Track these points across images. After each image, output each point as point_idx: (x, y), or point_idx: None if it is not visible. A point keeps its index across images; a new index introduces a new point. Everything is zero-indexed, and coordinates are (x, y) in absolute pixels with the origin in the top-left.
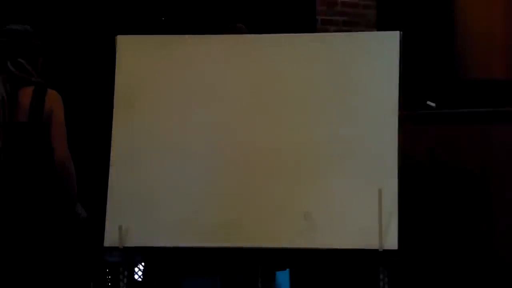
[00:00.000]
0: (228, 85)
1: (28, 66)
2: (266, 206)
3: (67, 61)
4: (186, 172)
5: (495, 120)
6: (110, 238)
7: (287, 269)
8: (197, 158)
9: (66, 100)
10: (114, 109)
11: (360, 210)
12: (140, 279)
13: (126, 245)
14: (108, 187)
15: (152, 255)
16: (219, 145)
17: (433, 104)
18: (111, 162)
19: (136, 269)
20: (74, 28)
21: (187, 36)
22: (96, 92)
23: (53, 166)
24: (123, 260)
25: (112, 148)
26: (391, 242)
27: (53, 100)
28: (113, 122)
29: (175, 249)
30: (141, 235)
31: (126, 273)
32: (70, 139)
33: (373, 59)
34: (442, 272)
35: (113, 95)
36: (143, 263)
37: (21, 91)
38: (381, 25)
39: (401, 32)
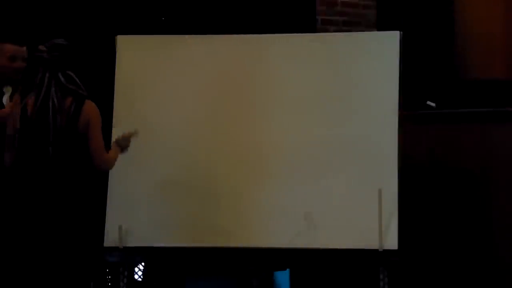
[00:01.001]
0: (228, 85)
1: (76, 78)
2: (266, 206)
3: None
4: (186, 172)
5: (495, 120)
6: (110, 238)
7: (287, 269)
8: (197, 157)
9: None
10: (114, 109)
11: (360, 210)
12: (140, 279)
13: (126, 245)
14: (108, 187)
15: (152, 255)
16: (219, 144)
17: (433, 104)
18: None
19: (136, 269)
20: (74, 28)
21: (187, 36)
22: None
23: (83, 171)
24: (123, 260)
25: None
26: (391, 242)
27: (90, 112)
28: (113, 122)
29: (175, 249)
30: (141, 235)
31: (126, 273)
32: None
33: (373, 59)
34: (442, 272)
35: (113, 95)
36: (143, 263)
37: (67, 100)
38: (381, 25)
39: (401, 32)
